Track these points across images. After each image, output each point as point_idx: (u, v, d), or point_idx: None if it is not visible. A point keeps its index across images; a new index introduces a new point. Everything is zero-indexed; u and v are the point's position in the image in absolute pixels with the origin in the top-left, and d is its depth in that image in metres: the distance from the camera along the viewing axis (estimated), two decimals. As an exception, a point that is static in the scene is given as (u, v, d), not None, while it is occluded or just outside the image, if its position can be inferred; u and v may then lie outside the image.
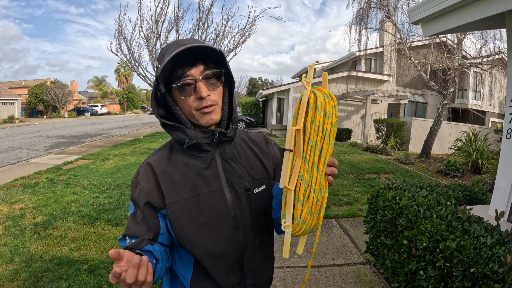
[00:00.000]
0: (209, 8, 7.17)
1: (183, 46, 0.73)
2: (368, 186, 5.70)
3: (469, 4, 2.55)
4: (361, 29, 10.66)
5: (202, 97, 0.77)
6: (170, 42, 0.87)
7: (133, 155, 8.42)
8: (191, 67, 0.77)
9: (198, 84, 0.77)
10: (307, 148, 0.69)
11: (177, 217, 0.79)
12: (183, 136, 0.80)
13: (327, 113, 0.69)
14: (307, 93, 0.69)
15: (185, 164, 0.83)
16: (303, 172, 0.69)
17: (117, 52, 7.17)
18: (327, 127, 0.70)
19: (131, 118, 29.87)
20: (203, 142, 0.81)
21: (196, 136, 0.80)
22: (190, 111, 0.80)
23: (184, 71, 0.76)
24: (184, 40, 0.81)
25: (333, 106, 0.71)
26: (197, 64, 0.77)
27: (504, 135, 2.72)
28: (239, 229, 0.84)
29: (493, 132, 9.18)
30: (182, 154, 0.84)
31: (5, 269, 2.64)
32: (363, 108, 14.40)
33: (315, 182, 0.69)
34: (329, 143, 0.70)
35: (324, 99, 0.69)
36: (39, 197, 4.63)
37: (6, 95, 25.17)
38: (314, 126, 0.69)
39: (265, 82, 53.63)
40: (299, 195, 0.69)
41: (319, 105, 0.68)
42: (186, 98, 0.78)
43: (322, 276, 2.65)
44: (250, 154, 0.91)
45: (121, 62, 34.91)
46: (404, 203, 2.20)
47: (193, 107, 0.79)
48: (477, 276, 1.47)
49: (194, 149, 0.82)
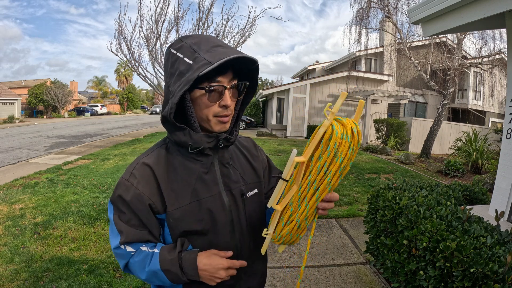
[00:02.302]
0: (209, 8, 7.19)
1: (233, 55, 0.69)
2: (368, 186, 5.70)
3: (469, 4, 2.55)
4: (361, 29, 10.67)
5: (227, 106, 0.75)
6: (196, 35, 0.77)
7: (133, 155, 8.41)
8: (223, 74, 0.74)
9: (225, 93, 0.75)
10: (304, 181, 0.68)
11: (177, 223, 0.79)
12: (186, 139, 0.77)
13: (338, 155, 0.65)
14: (326, 125, 0.65)
15: (185, 167, 0.80)
16: (293, 200, 0.70)
17: (117, 52, 7.18)
18: (331, 169, 0.66)
19: (131, 118, 29.85)
20: (206, 146, 0.79)
21: (201, 141, 0.77)
22: (207, 115, 0.77)
23: (215, 76, 0.73)
24: (218, 41, 0.76)
25: (349, 148, 0.65)
26: (228, 72, 0.75)
27: (504, 135, 2.72)
28: (235, 233, 0.85)
29: (493, 132, 9.18)
30: (179, 156, 0.80)
31: (5, 269, 2.64)
32: (363, 108, 14.38)
33: (301, 213, 0.71)
34: (328, 185, 0.68)
35: (341, 138, 0.64)
36: (39, 197, 4.63)
37: (6, 95, 25.17)
38: (318, 164, 0.66)
39: (265, 82, 53.63)
40: (284, 217, 0.72)
41: (331, 144, 0.64)
42: (211, 104, 0.75)
43: (322, 276, 2.65)
44: (242, 159, 0.93)
45: (121, 62, 34.95)
46: (404, 203, 2.20)
47: (213, 112, 0.76)
48: (477, 276, 1.47)
49: (194, 152, 0.80)
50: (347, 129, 0.65)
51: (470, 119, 14.88)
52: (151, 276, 0.75)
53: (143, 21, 7.00)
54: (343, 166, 0.66)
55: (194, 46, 0.73)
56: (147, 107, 45.99)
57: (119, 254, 0.78)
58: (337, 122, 0.65)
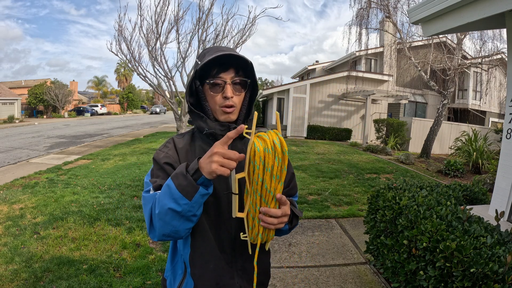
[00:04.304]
0: (209, 8, 7.15)
1: (222, 52, 0.87)
2: (368, 186, 5.70)
3: (469, 4, 2.55)
4: (361, 29, 10.67)
5: (227, 97, 0.91)
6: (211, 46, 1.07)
7: (133, 155, 8.41)
8: (224, 71, 0.91)
9: (226, 86, 0.91)
10: (251, 191, 0.81)
11: None
12: (204, 125, 0.94)
13: (267, 166, 0.76)
14: (251, 144, 0.77)
15: (202, 150, 0.95)
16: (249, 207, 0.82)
17: (117, 52, 7.16)
18: (265, 178, 0.77)
19: (131, 118, 29.86)
20: (219, 133, 0.92)
21: (214, 127, 0.93)
22: (214, 106, 0.94)
23: (218, 72, 0.91)
24: (224, 48, 0.95)
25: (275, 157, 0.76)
26: (229, 69, 0.91)
27: (504, 135, 2.73)
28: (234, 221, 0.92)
29: (493, 132, 9.19)
30: (200, 141, 0.97)
31: (5, 269, 2.64)
32: (363, 108, 14.39)
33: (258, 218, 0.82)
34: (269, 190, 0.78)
35: (264, 152, 0.76)
36: (39, 197, 4.63)
37: (6, 95, 25.17)
38: (254, 176, 0.78)
39: (265, 82, 53.67)
40: (249, 221, 0.84)
41: (256, 159, 0.76)
42: (215, 95, 0.92)
43: (322, 276, 2.65)
44: None
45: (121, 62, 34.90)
46: (404, 203, 2.20)
47: (218, 103, 0.92)
48: (477, 276, 1.47)
49: (211, 138, 0.94)
50: (268, 143, 0.76)
51: (470, 119, 14.89)
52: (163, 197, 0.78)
53: (143, 21, 6.99)
54: (275, 174, 0.77)
55: (206, 53, 0.93)
56: (147, 107, 45.96)
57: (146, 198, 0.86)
58: (258, 139, 0.78)
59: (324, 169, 7.12)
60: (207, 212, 0.90)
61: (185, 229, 0.81)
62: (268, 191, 0.78)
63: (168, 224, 0.78)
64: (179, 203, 0.75)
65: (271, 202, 0.80)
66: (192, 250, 0.92)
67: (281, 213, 0.81)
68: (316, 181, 6.09)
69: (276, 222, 0.80)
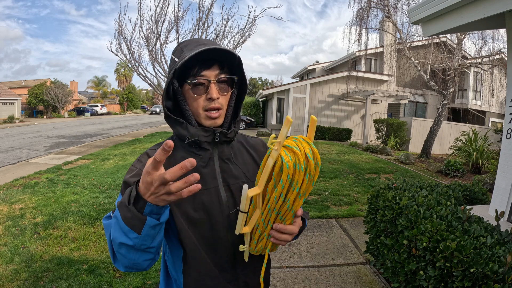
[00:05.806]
0: (209, 8, 7.18)
1: (205, 46, 0.74)
2: (368, 186, 5.70)
3: (469, 4, 2.55)
4: (361, 29, 10.67)
5: (212, 98, 0.79)
6: (188, 39, 0.87)
7: (133, 155, 8.41)
8: (207, 68, 0.79)
9: (211, 86, 0.79)
10: (264, 208, 0.68)
11: (173, 206, 0.79)
12: (184, 132, 0.81)
13: (294, 185, 0.61)
14: (274, 157, 0.60)
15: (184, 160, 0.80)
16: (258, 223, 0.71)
17: (117, 52, 7.17)
18: (289, 197, 0.63)
19: (131, 118, 29.85)
20: (204, 140, 0.82)
21: (197, 134, 0.81)
22: (197, 109, 0.81)
23: (200, 70, 0.78)
24: (204, 40, 0.82)
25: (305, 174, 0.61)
26: (213, 66, 0.79)
27: (504, 135, 2.72)
28: (232, 229, 0.83)
29: (493, 132, 9.18)
30: (181, 151, 0.84)
31: (5, 269, 2.64)
32: (363, 108, 14.40)
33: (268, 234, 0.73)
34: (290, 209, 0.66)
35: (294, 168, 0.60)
36: (39, 197, 4.63)
37: (6, 95, 25.16)
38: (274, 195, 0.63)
39: (265, 82, 53.66)
40: (255, 236, 0.74)
41: (283, 178, 0.60)
42: (197, 97, 0.80)
43: (322, 276, 2.65)
44: (246, 156, 0.93)
45: (121, 62, 34.95)
46: (404, 203, 2.20)
47: (201, 106, 0.81)
48: (477, 276, 1.47)
49: (194, 147, 0.83)
50: (300, 157, 0.60)
51: (470, 119, 14.88)
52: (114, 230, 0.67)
53: (143, 21, 7.01)
54: (302, 192, 0.64)
55: (183, 48, 0.81)
56: (147, 107, 45.97)
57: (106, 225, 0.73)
58: (287, 151, 0.61)
59: (324, 169, 7.12)
60: (199, 232, 0.80)
61: (145, 261, 0.70)
62: (289, 209, 0.66)
63: (125, 257, 0.67)
64: (129, 237, 0.63)
65: (289, 219, 0.69)
66: (184, 277, 0.82)
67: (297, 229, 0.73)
68: (316, 181, 6.08)
69: (290, 238, 0.73)
